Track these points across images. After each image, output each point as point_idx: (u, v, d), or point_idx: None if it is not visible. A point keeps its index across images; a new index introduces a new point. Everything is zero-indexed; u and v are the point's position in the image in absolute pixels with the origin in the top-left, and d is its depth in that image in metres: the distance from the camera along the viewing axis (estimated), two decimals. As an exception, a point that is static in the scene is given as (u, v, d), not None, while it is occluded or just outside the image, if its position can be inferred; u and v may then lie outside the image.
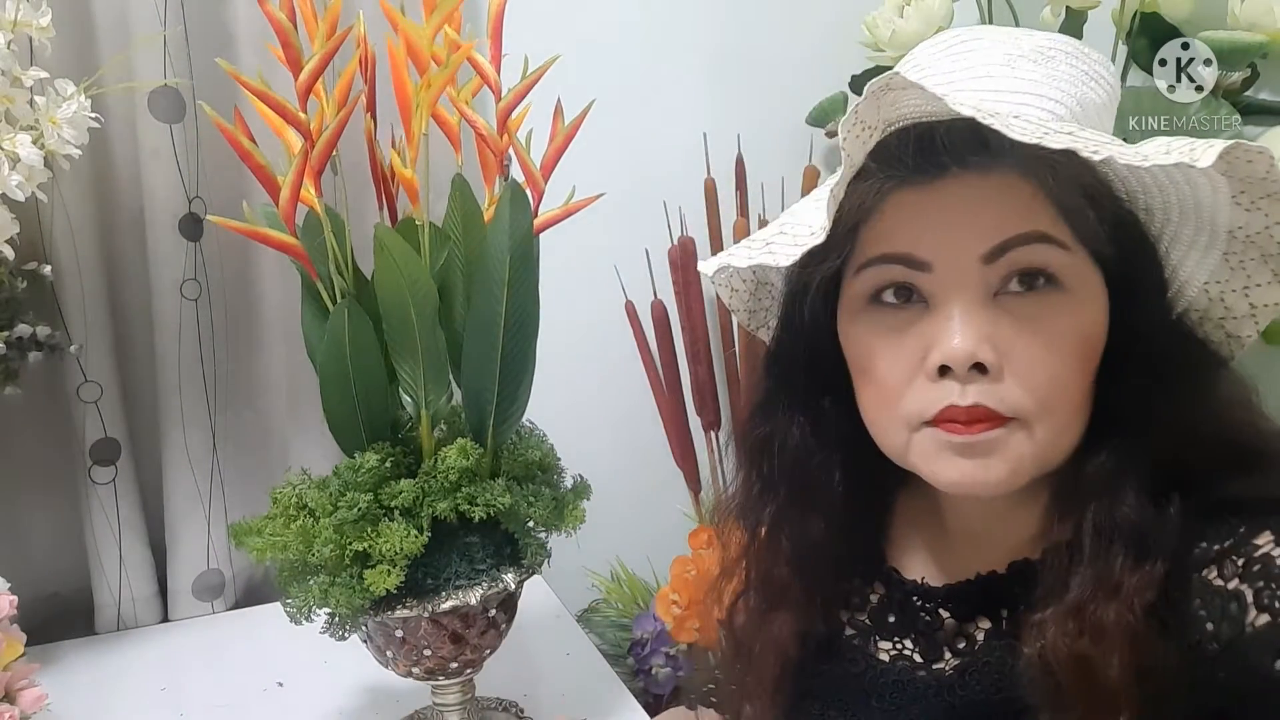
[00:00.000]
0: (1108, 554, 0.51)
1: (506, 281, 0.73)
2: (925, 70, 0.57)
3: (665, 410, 1.40)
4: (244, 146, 0.69)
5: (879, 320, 0.55)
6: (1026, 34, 0.56)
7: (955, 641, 0.59)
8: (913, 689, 0.59)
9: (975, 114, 0.46)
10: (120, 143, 1.06)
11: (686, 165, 1.37)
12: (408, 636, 0.75)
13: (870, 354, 0.55)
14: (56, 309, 1.03)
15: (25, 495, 1.07)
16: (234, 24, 1.09)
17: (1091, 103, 0.54)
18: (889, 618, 0.63)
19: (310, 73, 0.68)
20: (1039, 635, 0.51)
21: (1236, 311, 0.55)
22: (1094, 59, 0.56)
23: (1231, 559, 0.48)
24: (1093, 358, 0.53)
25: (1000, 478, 0.52)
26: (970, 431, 0.51)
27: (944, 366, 0.51)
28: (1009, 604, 0.57)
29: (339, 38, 0.69)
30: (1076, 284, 0.52)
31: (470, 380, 0.76)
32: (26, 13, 0.87)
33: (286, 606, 0.72)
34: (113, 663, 1.01)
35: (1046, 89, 0.53)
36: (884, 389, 0.55)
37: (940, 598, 0.61)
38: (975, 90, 0.54)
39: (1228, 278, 0.54)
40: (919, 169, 0.52)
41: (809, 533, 0.63)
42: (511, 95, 0.75)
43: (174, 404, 1.10)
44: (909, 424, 0.54)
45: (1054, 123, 0.51)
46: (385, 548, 0.69)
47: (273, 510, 0.73)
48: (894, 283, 0.54)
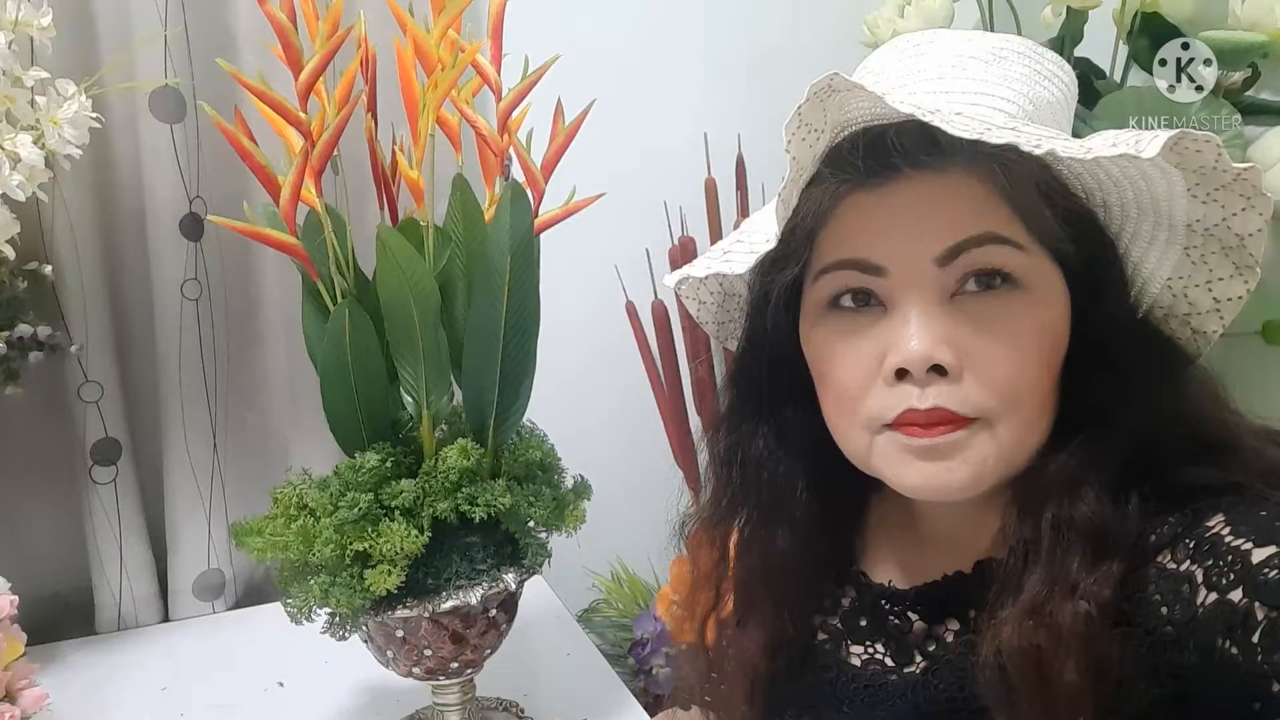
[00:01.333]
0: (1065, 553, 0.50)
1: (507, 281, 0.73)
2: (879, 74, 0.57)
3: (665, 410, 1.40)
4: (244, 146, 0.69)
5: (837, 325, 0.55)
6: (980, 35, 0.57)
7: (925, 644, 0.59)
8: (883, 693, 0.59)
9: (915, 111, 0.46)
10: (121, 143, 1.06)
11: (686, 165, 1.37)
12: (408, 636, 0.75)
13: (829, 359, 0.55)
14: (57, 309, 1.03)
15: (26, 495, 1.07)
16: (234, 24, 1.09)
17: (1045, 101, 0.54)
18: (860, 622, 0.63)
19: (311, 72, 0.68)
20: (995, 634, 0.50)
21: (1201, 307, 0.55)
22: (1048, 58, 0.56)
23: (1184, 542, 0.48)
24: (1054, 356, 0.52)
25: (963, 480, 0.52)
26: (930, 434, 0.51)
27: (902, 369, 0.51)
28: (977, 604, 0.56)
29: (339, 37, 0.69)
30: (1035, 283, 0.52)
31: (471, 380, 0.76)
32: (27, 12, 0.87)
33: (287, 606, 0.72)
34: (113, 662, 1.01)
35: (997, 88, 0.53)
36: (843, 394, 0.54)
37: (908, 600, 0.61)
38: (927, 92, 0.54)
39: (1190, 273, 0.54)
40: (871, 172, 0.52)
41: (776, 544, 0.63)
42: (512, 95, 0.75)
43: (175, 404, 1.10)
44: (869, 427, 0.53)
45: (1001, 119, 0.51)
46: (386, 548, 0.69)
47: (273, 510, 0.73)
48: (850, 288, 0.54)
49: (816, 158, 0.53)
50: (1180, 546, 0.48)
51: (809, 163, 0.53)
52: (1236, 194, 0.49)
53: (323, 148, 0.69)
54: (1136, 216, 0.53)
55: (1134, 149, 0.44)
